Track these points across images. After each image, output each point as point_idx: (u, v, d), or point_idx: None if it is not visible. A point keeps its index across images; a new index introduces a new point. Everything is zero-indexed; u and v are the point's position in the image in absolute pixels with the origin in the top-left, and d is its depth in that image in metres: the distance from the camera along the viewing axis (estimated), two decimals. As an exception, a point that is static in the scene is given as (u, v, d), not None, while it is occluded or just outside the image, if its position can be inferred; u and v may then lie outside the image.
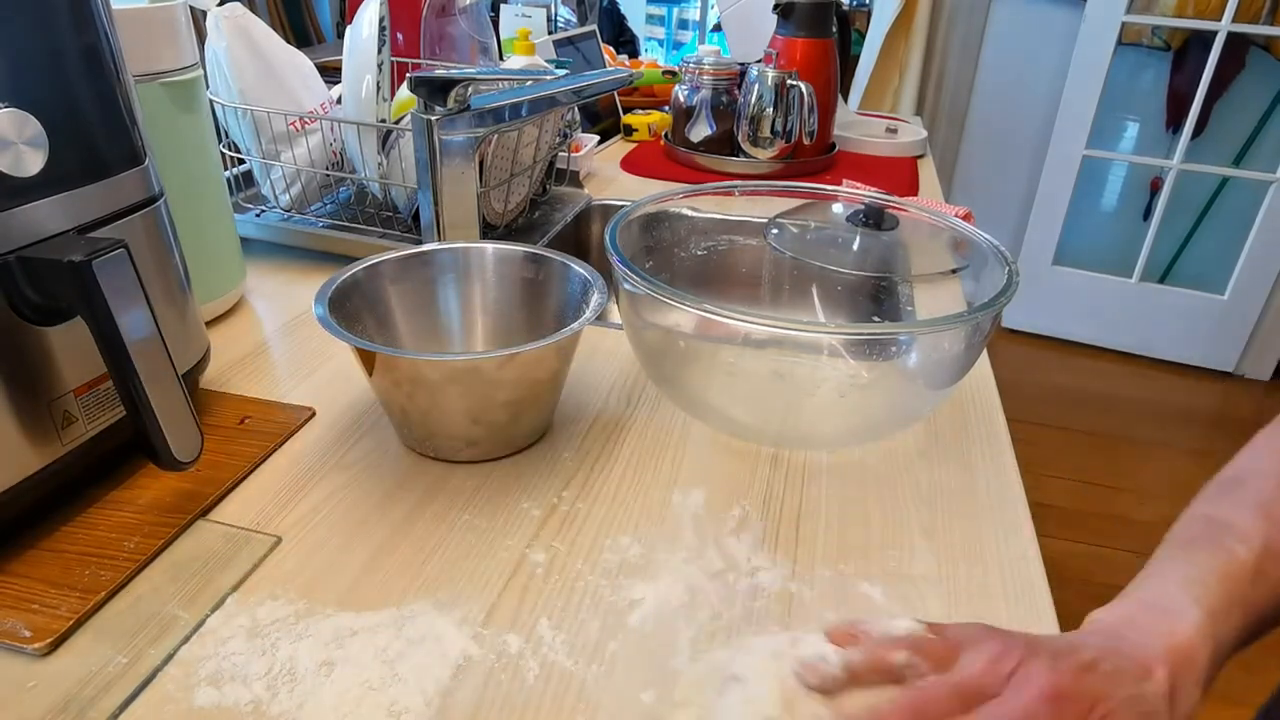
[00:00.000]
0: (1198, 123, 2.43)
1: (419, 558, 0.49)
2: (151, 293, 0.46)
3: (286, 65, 0.83)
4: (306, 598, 0.46)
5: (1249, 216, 2.48)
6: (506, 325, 0.67)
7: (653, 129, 1.43)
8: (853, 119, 1.55)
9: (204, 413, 0.61)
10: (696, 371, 0.63)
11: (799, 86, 1.21)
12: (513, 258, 0.66)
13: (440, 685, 0.41)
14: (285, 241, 0.88)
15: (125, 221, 0.51)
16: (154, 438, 0.46)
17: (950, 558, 0.51)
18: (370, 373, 0.55)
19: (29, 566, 0.46)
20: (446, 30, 1.14)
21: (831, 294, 0.79)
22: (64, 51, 0.46)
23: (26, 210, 0.44)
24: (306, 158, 0.85)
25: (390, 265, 0.63)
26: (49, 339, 0.46)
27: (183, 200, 0.62)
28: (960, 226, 0.67)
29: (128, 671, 0.41)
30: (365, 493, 0.54)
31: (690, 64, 1.29)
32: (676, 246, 0.76)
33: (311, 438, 0.60)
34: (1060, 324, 2.79)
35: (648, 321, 0.60)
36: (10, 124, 0.42)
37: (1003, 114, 2.72)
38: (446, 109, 0.73)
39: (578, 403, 0.66)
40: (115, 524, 0.50)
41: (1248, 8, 2.31)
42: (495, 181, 0.88)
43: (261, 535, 0.50)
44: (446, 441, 0.57)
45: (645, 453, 0.60)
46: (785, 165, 1.27)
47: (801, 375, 0.64)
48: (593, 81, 0.86)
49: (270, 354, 0.71)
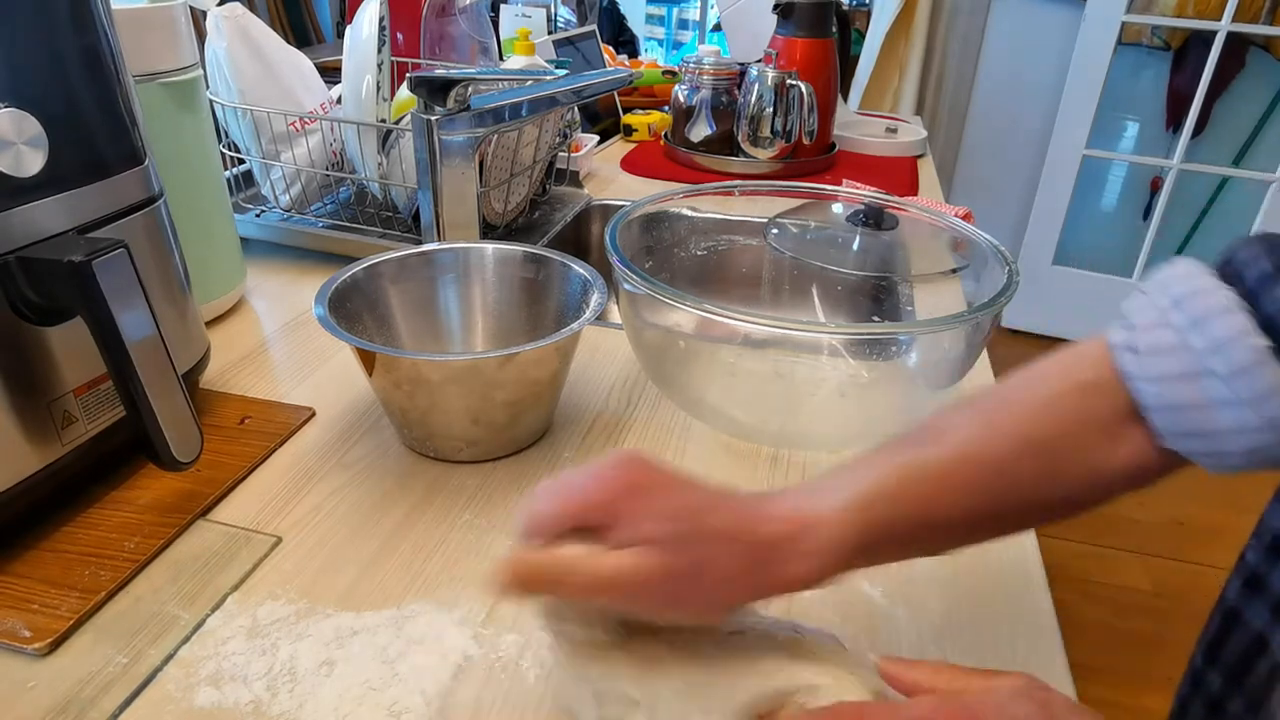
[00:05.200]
0: (1197, 122, 2.43)
1: (419, 558, 0.49)
2: (151, 293, 0.46)
3: (286, 65, 0.83)
4: (307, 597, 0.46)
5: (1249, 216, 2.48)
6: (506, 325, 0.67)
7: (653, 129, 1.43)
8: (853, 119, 1.55)
9: (204, 413, 0.61)
10: (696, 371, 0.63)
11: (799, 86, 1.21)
12: (513, 258, 0.66)
13: (440, 685, 0.41)
14: (285, 241, 0.88)
15: (125, 221, 0.51)
16: (154, 438, 0.46)
17: (950, 557, 0.50)
18: (370, 373, 0.55)
19: (29, 566, 0.46)
20: (446, 30, 1.14)
21: (831, 294, 0.79)
22: (64, 51, 0.46)
23: (26, 210, 0.44)
24: (306, 158, 0.85)
25: (390, 265, 0.63)
26: (49, 339, 0.46)
27: (183, 200, 0.62)
28: (960, 226, 0.67)
29: (128, 671, 0.41)
30: (365, 493, 0.54)
31: (690, 64, 1.29)
32: (676, 246, 0.76)
33: (311, 438, 0.60)
34: (1060, 324, 2.79)
35: (648, 321, 0.60)
36: (10, 124, 0.42)
37: (1003, 114, 2.72)
38: (446, 109, 0.73)
39: (578, 403, 0.65)
40: (115, 524, 0.50)
41: (1248, 8, 2.31)
42: (495, 181, 0.88)
43: (261, 535, 0.50)
44: (446, 441, 0.57)
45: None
46: (785, 165, 1.27)
47: (801, 375, 0.65)
48: (593, 81, 0.86)
49: (270, 354, 0.71)
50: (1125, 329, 0.37)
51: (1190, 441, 0.35)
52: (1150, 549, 1.85)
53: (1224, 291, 0.34)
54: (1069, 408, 0.38)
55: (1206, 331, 0.34)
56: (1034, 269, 2.71)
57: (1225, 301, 0.34)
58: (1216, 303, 0.34)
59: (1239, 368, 0.33)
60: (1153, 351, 0.35)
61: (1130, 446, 0.37)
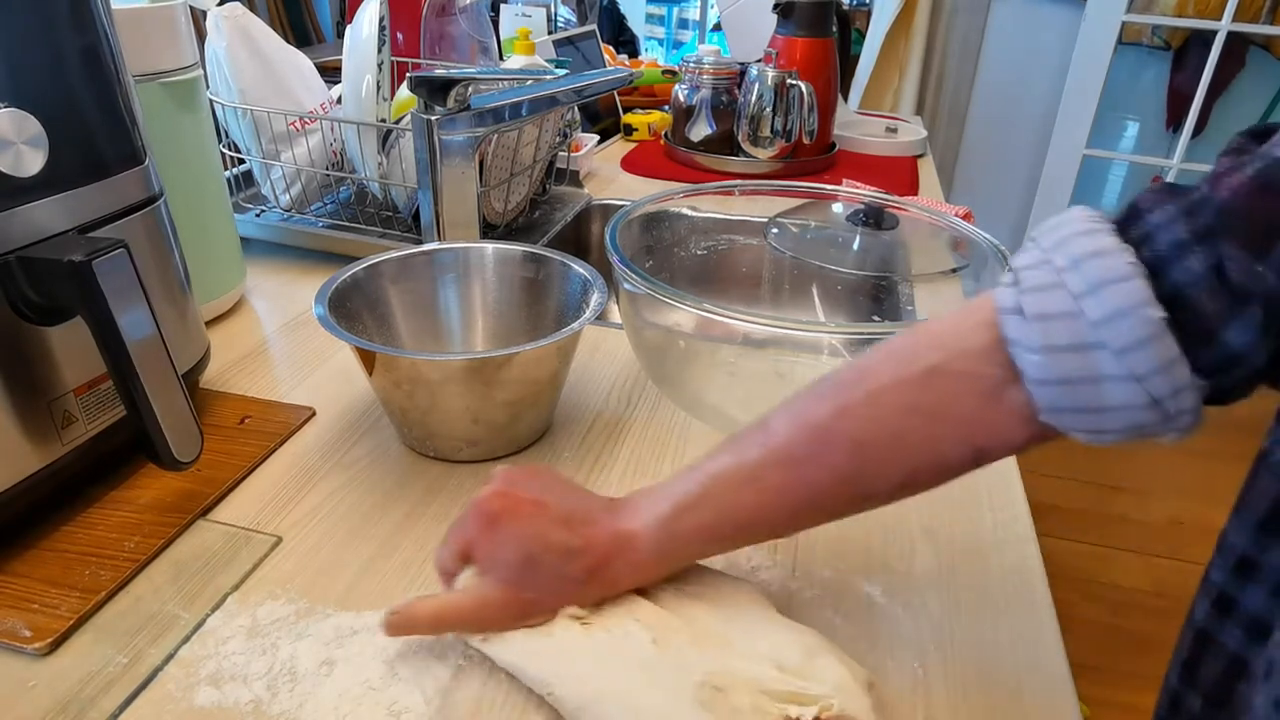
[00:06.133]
0: (1198, 122, 2.42)
1: (419, 557, 0.49)
2: (151, 293, 0.46)
3: (286, 65, 0.83)
4: (307, 597, 0.46)
5: (1249, 216, 2.47)
6: (506, 325, 0.67)
7: (653, 129, 1.43)
8: (853, 118, 1.55)
9: (204, 413, 0.61)
10: (696, 371, 0.63)
11: (799, 86, 1.21)
12: (513, 258, 0.66)
13: (440, 685, 0.41)
14: (285, 241, 0.88)
15: (125, 221, 0.51)
16: (154, 438, 0.46)
17: (950, 557, 0.51)
18: (370, 373, 0.55)
19: (29, 566, 0.46)
20: (446, 30, 1.14)
21: (831, 294, 0.79)
22: (64, 51, 0.46)
23: (26, 210, 0.44)
24: (306, 158, 0.85)
25: (390, 265, 0.63)
26: (49, 339, 0.46)
27: (183, 200, 0.62)
28: (960, 226, 0.67)
29: (128, 671, 0.41)
30: (365, 493, 0.54)
31: (690, 64, 1.29)
32: (676, 246, 0.76)
33: (311, 438, 0.60)
34: (1060, 324, 2.78)
35: (648, 321, 0.60)
36: (10, 124, 0.42)
37: (1003, 114, 2.72)
38: (446, 109, 0.73)
39: (578, 403, 0.66)
40: (115, 524, 0.50)
41: (1248, 7, 2.31)
42: (495, 181, 0.88)
43: (261, 535, 0.50)
44: (446, 441, 0.57)
45: (645, 452, 0.60)
46: (785, 165, 1.27)
47: (801, 375, 0.64)
48: (593, 81, 0.86)
49: (270, 354, 0.71)
50: (1013, 289, 0.33)
51: (1071, 418, 0.32)
52: (1150, 549, 1.86)
53: (1126, 255, 0.31)
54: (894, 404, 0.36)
55: (1102, 298, 0.30)
56: (1034, 269, 2.71)
57: (1126, 267, 0.31)
58: (1116, 267, 0.31)
59: (1133, 341, 0.30)
60: (1041, 317, 0.32)
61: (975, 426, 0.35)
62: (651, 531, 0.39)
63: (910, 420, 0.36)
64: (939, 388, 0.35)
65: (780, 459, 0.38)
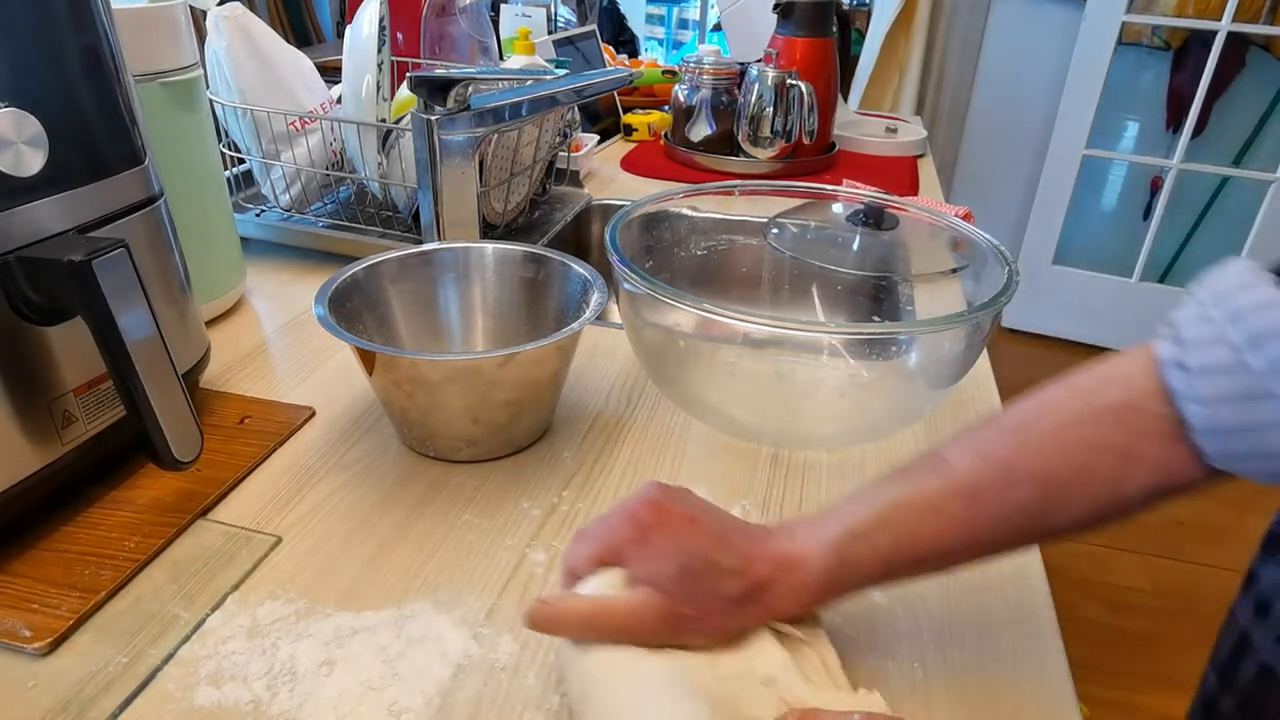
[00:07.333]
0: (1198, 122, 2.43)
1: (419, 557, 0.49)
2: (151, 293, 0.46)
3: (286, 65, 0.83)
4: (306, 597, 0.46)
5: (1249, 216, 2.48)
6: (506, 325, 0.67)
7: (653, 129, 1.43)
8: (853, 119, 1.55)
9: (204, 412, 0.61)
10: (696, 371, 0.63)
11: (799, 86, 1.21)
12: (513, 258, 0.66)
13: (440, 685, 0.41)
14: (285, 241, 0.88)
15: (125, 221, 0.51)
16: (154, 437, 0.46)
17: (950, 557, 0.51)
18: (370, 373, 0.55)
19: (29, 566, 0.46)
20: (446, 30, 1.14)
21: (831, 294, 0.79)
22: (64, 51, 0.46)
23: (26, 210, 0.44)
24: (306, 158, 0.85)
25: (390, 265, 0.63)
26: (49, 339, 0.46)
27: (183, 200, 0.62)
28: (960, 226, 0.67)
29: (128, 671, 0.41)
30: (365, 493, 0.54)
31: (690, 64, 1.29)
32: (676, 246, 0.76)
33: (311, 438, 0.60)
34: (1060, 324, 2.79)
35: (648, 321, 0.60)
36: (10, 124, 0.42)
37: (1003, 114, 2.72)
38: (446, 109, 0.73)
39: (578, 403, 0.66)
40: (115, 524, 0.50)
41: (1248, 7, 2.31)
42: (495, 181, 0.88)
43: (261, 535, 0.50)
44: (446, 441, 0.57)
45: (645, 452, 0.60)
46: (785, 165, 1.27)
47: (801, 375, 0.65)
48: (593, 81, 0.86)
49: (270, 354, 0.71)
50: (1174, 343, 0.35)
51: (1245, 463, 0.34)
52: (1150, 549, 1.85)
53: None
54: (1082, 439, 0.36)
55: (1266, 351, 0.31)
56: (1034, 269, 2.71)
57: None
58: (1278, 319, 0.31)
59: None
60: (1205, 371, 0.33)
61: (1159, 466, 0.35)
62: (822, 554, 0.37)
63: (1098, 457, 0.36)
64: (1130, 424, 0.36)
65: (962, 490, 0.37)
